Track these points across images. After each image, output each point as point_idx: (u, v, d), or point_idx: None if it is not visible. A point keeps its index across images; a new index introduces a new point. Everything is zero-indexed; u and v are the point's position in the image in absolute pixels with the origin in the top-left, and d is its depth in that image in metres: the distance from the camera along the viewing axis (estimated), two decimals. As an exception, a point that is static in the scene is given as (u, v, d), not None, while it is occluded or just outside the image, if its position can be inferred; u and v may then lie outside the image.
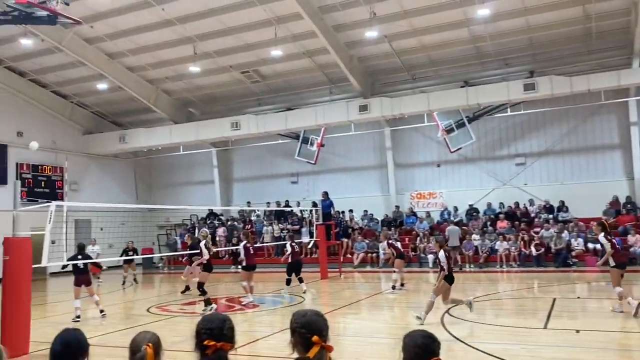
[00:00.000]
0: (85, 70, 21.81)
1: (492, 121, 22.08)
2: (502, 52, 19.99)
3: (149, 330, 2.86)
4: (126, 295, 15.91)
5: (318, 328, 2.59)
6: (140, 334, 2.79)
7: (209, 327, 2.59)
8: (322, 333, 2.58)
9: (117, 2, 17.58)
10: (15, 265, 7.45)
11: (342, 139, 24.11)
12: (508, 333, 8.61)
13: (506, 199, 21.37)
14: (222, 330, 2.60)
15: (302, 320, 2.61)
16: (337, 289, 15.56)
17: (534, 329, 8.61)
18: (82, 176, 25.52)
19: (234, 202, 26.85)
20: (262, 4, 17.34)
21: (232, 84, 23.61)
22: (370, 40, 18.85)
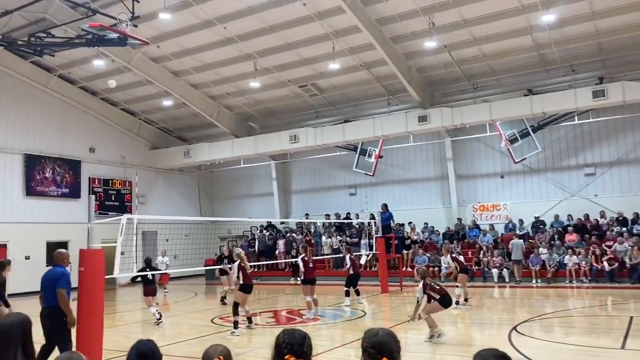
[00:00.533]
0: (152, 88, 22.80)
1: (558, 130, 21.23)
2: (568, 58, 19.22)
3: (220, 343, 2.91)
4: (191, 306, 16.32)
5: (388, 350, 2.53)
6: (212, 346, 2.85)
7: (290, 342, 2.59)
8: (392, 355, 2.52)
9: (181, 22, 18.29)
10: (90, 276, 7.80)
11: (401, 150, 23.91)
12: (581, 353, 8.18)
13: (575, 211, 20.41)
14: (303, 346, 2.60)
15: (373, 340, 2.57)
16: (398, 303, 15.32)
17: (609, 349, 8.14)
18: (149, 189, 26.59)
19: (293, 214, 27.12)
20: (321, 19, 17.55)
21: (290, 98, 23.97)
22: (429, 50, 18.64)
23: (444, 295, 9.47)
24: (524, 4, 16.43)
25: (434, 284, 9.80)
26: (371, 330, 2.65)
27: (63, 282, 6.88)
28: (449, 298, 9.60)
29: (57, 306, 6.84)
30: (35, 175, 21.85)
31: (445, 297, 9.48)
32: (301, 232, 24.57)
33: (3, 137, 21.00)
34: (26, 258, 20.89)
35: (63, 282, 6.88)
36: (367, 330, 2.67)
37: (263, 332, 11.10)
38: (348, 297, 14.43)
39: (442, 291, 9.56)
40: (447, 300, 9.54)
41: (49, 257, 21.57)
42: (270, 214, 26.84)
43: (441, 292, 9.52)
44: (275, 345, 2.63)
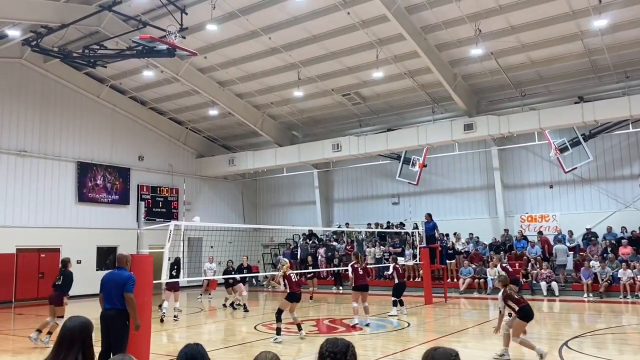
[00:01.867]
0: (198, 98, 23.34)
1: (611, 139, 20.44)
2: (621, 64, 18.53)
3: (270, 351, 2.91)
4: (234, 312, 16.49)
5: None
6: (262, 353, 2.85)
7: (333, 351, 2.60)
8: None
9: (228, 33, 18.68)
10: (139, 280, 7.99)
11: (446, 159, 23.56)
12: (638, 372, 7.79)
13: (629, 223, 19.52)
14: (346, 355, 2.59)
15: (427, 355, 2.54)
16: (443, 315, 15.03)
17: (669, 370, 7.72)
18: (195, 197, 27.15)
19: (335, 223, 27.09)
20: (364, 28, 17.57)
21: (333, 107, 24.04)
22: (475, 57, 18.36)
23: (522, 307, 8.57)
24: (574, 9, 15.99)
25: (514, 293, 8.94)
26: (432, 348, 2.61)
27: (131, 285, 6.97)
28: (528, 310, 8.59)
29: (122, 309, 6.91)
30: (87, 182, 22.66)
31: (524, 308, 8.56)
32: (338, 241, 24.48)
33: (58, 145, 21.89)
34: (78, 262, 21.63)
35: (131, 286, 6.96)
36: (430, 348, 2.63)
37: (305, 340, 11.09)
38: (395, 307, 14.32)
39: (521, 302, 8.69)
40: (526, 312, 8.56)
41: (99, 261, 22.33)
42: (313, 222, 26.91)
43: (519, 303, 8.65)
44: (319, 354, 2.65)
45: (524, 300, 8.77)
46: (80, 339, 3.17)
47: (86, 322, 3.27)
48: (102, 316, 6.99)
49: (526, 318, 8.53)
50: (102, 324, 6.95)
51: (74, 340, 3.14)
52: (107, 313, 6.99)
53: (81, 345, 3.15)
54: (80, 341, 3.15)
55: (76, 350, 3.11)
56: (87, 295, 17.33)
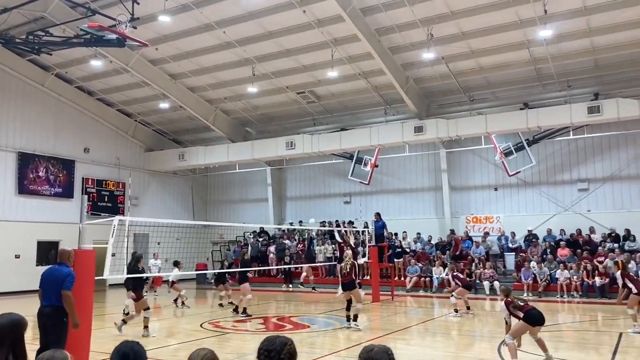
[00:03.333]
0: (149, 90, 22.78)
1: (553, 144, 21.35)
2: (564, 73, 19.37)
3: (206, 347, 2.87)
4: (180, 310, 16.21)
5: None
6: (197, 350, 2.81)
7: (268, 349, 2.61)
8: None
9: (181, 25, 18.31)
10: (80, 277, 7.73)
11: (396, 160, 23.97)
12: (570, 368, 8.17)
13: (567, 226, 20.46)
14: (280, 353, 2.59)
15: (366, 356, 2.58)
16: (389, 312, 15.29)
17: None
18: (142, 192, 26.51)
19: (287, 221, 27.08)
20: (320, 27, 17.62)
21: (288, 104, 24.00)
22: (426, 61, 18.74)
23: (527, 311, 8.16)
24: (522, 19, 16.57)
25: (518, 300, 8.56)
26: (368, 346, 2.66)
27: (69, 283, 6.73)
28: (533, 313, 8.15)
29: (59, 306, 6.70)
30: (28, 173, 21.73)
31: (528, 312, 8.14)
32: (289, 239, 24.50)
33: (-3, 135, 20.90)
34: (16, 257, 20.76)
35: (69, 283, 6.73)
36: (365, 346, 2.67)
37: (252, 338, 11.04)
38: None
39: (525, 307, 8.28)
40: (531, 315, 8.11)
41: (39, 256, 21.45)
42: (265, 220, 26.80)
43: (523, 309, 8.23)
44: (257, 352, 2.66)
45: (528, 305, 8.40)
46: (11, 337, 3.05)
47: (17, 319, 3.15)
48: (39, 313, 6.75)
49: (532, 321, 8.08)
50: (39, 321, 6.71)
51: (3, 338, 3.03)
52: (44, 310, 6.75)
53: (12, 343, 3.03)
54: (10, 339, 3.03)
55: (6, 349, 3.00)
56: (27, 291, 16.63)
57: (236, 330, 12.18)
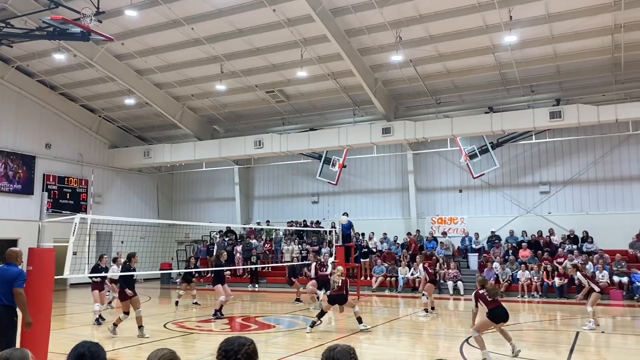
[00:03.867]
0: (114, 86, 22.31)
1: (516, 148, 21.87)
2: (528, 79, 19.87)
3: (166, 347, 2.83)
4: (144, 310, 15.91)
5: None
6: (155, 351, 2.77)
7: (226, 349, 2.59)
8: None
9: (148, 20, 18.01)
10: (38, 275, 7.53)
11: (364, 160, 24.15)
12: (529, 366, 8.38)
13: (529, 228, 21.01)
14: (237, 354, 2.58)
15: (327, 355, 2.59)
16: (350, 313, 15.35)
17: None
18: (106, 189, 25.96)
19: (254, 220, 26.95)
20: (290, 26, 17.59)
21: (256, 103, 23.87)
22: (395, 64, 18.93)
23: (492, 309, 8.56)
24: (488, 24, 16.91)
25: (488, 295, 8.80)
26: (331, 346, 2.67)
27: (21, 281, 6.75)
28: (497, 313, 8.54)
29: (10, 306, 6.68)
30: (-14, 169, 21.00)
31: (493, 310, 8.54)
32: (256, 239, 24.39)
33: (-47, 128, 20.13)
34: (-29, 255, 20.02)
35: (21, 282, 6.74)
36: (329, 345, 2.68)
37: (217, 338, 10.93)
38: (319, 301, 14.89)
39: (492, 304, 8.63)
40: (495, 314, 8.52)
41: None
42: (231, 219, 26.60)
43: (489, 305, 8.61)
44: (216, 351, 2.66)
45: (497, 303, 8.70)
46: None
47: None
48: None
49: (495, 319, 8.50)
50: None
51: None
52: None
53: None
54: None
55: None
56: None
57: (201, 330, 12.06)
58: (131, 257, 11.51)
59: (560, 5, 15.87)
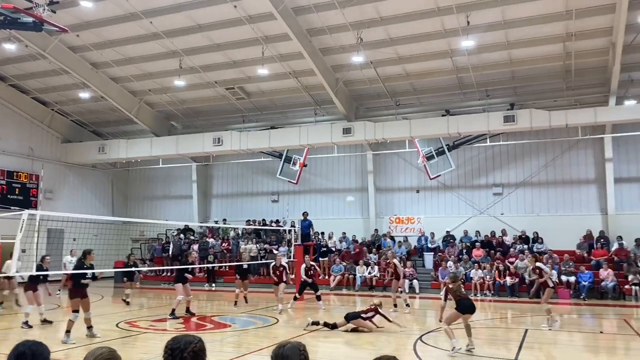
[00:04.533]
0: (68, 79, 21.62)
1: (471, 150, 22.41)
2: (484, 83, 20.38)
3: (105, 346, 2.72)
4: (96, 309, 15.49)
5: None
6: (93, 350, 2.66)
7: (171, 347, 2.55)
8: None
9: (104, 12, 17.54)
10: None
11: (325, 160, 24.23)
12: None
13: (482, 228, 21.57)
14: (183, 352, 2.54)
15: (277, 352, 2.58)
16: (312, 311, 15.39)
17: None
18: (58, 185, 25.13)
19: (212, 219, 26.63)
20: (251, 23, 17.47)
21: (216, 100, 23.60)
22: (356, 64, 19.07)
23: (459, 301, 9.20)
24: (446, 28, 17.26)
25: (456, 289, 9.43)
26: (281, 343, 2.66)
27: None
28: (465, 304, 9.20)
29: None
30: None
31: (460, 302, 9.18)
32: (222, 238, 24.14)
33: None
34: None
35: None
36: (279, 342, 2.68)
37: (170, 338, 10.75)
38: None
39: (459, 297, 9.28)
40: (463, 305, 9.17)
41: (-63, 252, 19.76)
42: (189, 217, 26.21)
43: (457, 298, 9.26)
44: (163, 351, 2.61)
45: (464, 296, 9.40)
46: None
47: None
48: None
49: (462, 310, 9.17)
50: None
51: None
52: None
53: None
54: None
55: None
56: None
57: (155, 330, 11.84)
58: (86, 254, 10.99)
59: (515, 12, 16.36)
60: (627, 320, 13.24)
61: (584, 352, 9.76)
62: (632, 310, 15.74)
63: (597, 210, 20.69)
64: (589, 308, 16.00)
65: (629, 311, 15.47)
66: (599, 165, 20.65)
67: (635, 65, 18.32)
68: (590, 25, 16.68)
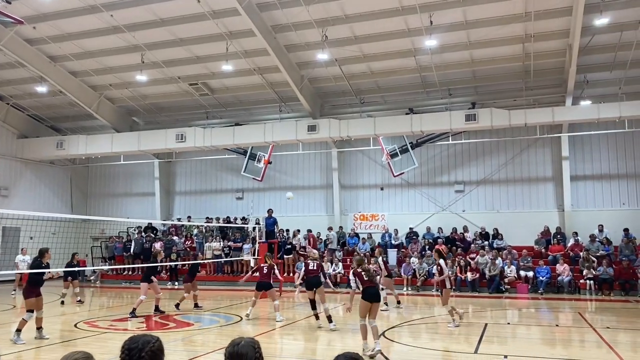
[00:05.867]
0: (24, 72, 20.91)
1: (434, 148, 22.76)
2: (446, 82, 20.72)
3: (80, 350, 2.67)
4: (52, 310, 15.08)
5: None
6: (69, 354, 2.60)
7: (128, 347, 2.52)
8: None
9: (63, 4, 17.04)
10: None
11: (290, 157, 24.21)
12: (440, 357, 8.77)
13: (445, 224, 21.96)
14: (142, 352, 2.51)
15: (231, 350, 2.56)
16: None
17: (464, 354, 8.81)
18: (14, 181, 24.32)
19: (175, 216, 26.24)
20: (215, 19, 17.27)
21: (179, 95, 23.25)
22: (321, 62, 19.10)
23: (365, 288, 8.71)
24: (410, 27, 17.46)
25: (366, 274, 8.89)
26: (235, 340, 2.63)
27: None
28: (372, 292, 8.69)
29: None
30: None
31: (366, 289, 8.68)
32: (185, 236, 23.81)
33: None
34: None
35: None
36: (233, 339, 2.65)
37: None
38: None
39: (366, 283, 8.75)
40: (367, 293, 8.66)
41: None
42: (151, 215, 25.75)
43: (364, 284, 8.74)
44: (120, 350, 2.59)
45: (372, 283, 8.84)
46: None
47: None
48: None
49: (367, 298, 8.67)
50: None
51: None
52: None
53: None
54: None
55: None
56: None
57: (115, 330, 11.59)
58: (44, 253, 10.66)
59: (476, 12, 16.68)
60: (582, 314, 13.72)
61: (541, 345, 10.05)
62: (586, 304, 16.33)
63: (554, 207, 21.34)
64: (546, 302, 16.49)
65: (583, 305, 16.05)
66: (556, 164, 21.29)
67: (590, 67, 18.95)
68: (548, 27, 17.16)
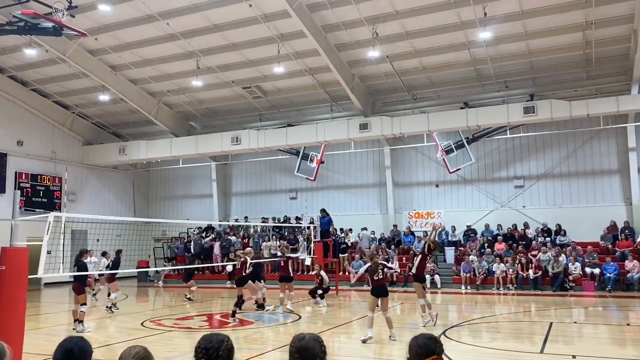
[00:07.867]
0: (87, 82, 21.93)
1: (491, 143, 22.18)
2: (502, 74, 20.14)
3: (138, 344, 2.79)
4: (122, 308, 15.75)
5: (312, 354, 2.57)
6: (129, 348, 2.74)
7: (205, 347, 2.60)
8: (316, 359, 2.56)
9: (122, 15, 17.74)
10: (12, 275, 7.39)
11: (342, 156, 24.23)
12: (503, 357, 8.55)
13: (504, 221, 21.35)
14: (218, 350, 2.59)
15: (298, 345, 2.60)
16: (334, 307, 15.45)
17: (529, 353, 8.55)
18: (81, 187, 25.54)
19: (232, 217, 26.82)
20: (266, 22, 17.52)
21: (233, 99, 23.73)
22: (372, 59, 19.00)
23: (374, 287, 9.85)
24: (463, 20, 17.09)
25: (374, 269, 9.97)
26: (298, 335, 2.68)
27: None
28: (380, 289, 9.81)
29: None
30: (-45, 167, 20.46)
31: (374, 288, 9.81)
32: (242, 236, 24.28)
33: None
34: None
35: None
36: (296, 335, 2.69)
37: (196, 335, 10.89)
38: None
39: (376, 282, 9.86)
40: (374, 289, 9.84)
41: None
42: (209, 216, 26.44)
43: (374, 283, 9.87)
44: (194, 350, 2.66)
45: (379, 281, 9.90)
46: None
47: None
48: None
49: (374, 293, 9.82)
50: None
51: None
52: None
53: None
54: None
55: None
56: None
57: (179, 328, 11.98)
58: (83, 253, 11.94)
59: (533, 2, 16.12)
60: (655, 312, 13.02)
61: (611, 345, 9.62)
62: (659, 301, 15.47)
63: (621, 200, 20.34)
64: (615, 300, 15.76)
65: (656, 303, 15.21)
66: (622, 155, 20.28)
67: (658, 52, 17.93)
68: (610, 13, 16.36)
